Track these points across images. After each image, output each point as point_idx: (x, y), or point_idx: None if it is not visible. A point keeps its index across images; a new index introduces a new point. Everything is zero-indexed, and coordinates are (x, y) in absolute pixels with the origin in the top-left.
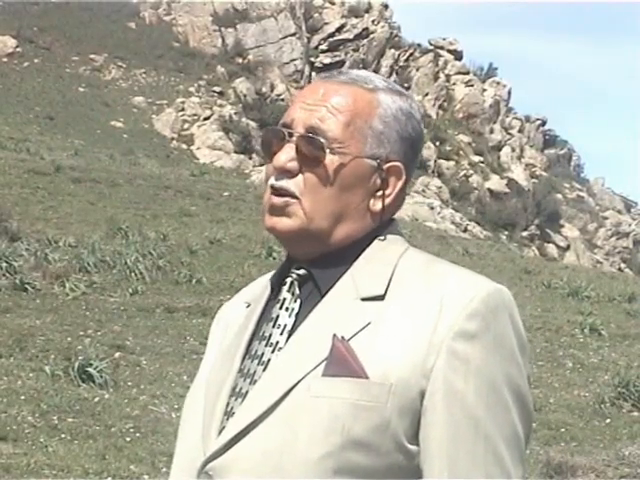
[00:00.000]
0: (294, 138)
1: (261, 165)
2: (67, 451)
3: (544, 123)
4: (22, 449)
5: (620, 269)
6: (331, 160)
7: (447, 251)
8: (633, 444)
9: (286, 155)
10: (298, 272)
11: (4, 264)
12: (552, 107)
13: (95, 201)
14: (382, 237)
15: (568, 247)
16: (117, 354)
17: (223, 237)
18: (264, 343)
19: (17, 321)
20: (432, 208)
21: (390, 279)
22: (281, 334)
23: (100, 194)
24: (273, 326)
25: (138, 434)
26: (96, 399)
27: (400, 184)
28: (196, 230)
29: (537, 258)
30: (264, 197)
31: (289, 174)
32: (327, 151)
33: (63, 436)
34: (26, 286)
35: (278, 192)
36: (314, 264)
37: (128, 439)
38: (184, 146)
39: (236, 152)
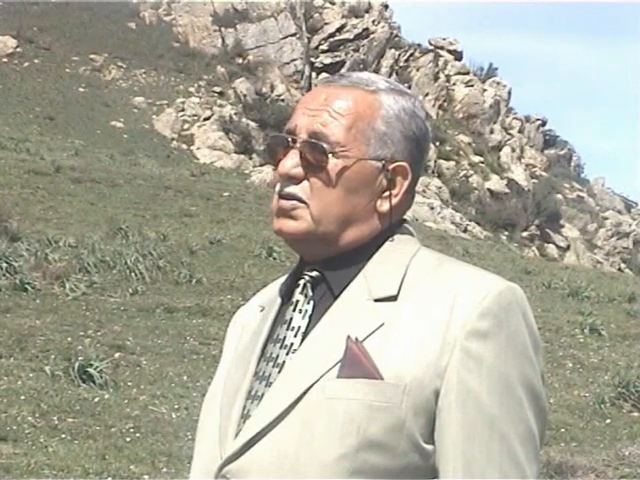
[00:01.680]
0: (298, 144)
1: (261, 165)
2: (67, 451)
3: (544, 123)
4: (22, 449)
5: (620, 269)
6: (335, 164)
7: (447, 251)
8: (633, 444)
9: (290, 161)
10: (311, 274)
11: (4, 264)
12: (552, 107)
13: (95, 201)
14: (393, 238)
15: (568, 247)
16: (117, 354)
17: (223, 237)
18: (279, 345)
19: (17, 321)
20: (432, 208)
21: (402, 279)
22: (295, 336)
23: (100, 194)
24: (287, 328)
25: (138, 434)
26: (96, 399)
27: (407, 184)
28: (196, 230)
29: (537, 258)
30: (272, 203)
31: (295, 180)
32: (330, 155)
33: (63, 436)
34: (26, 286)
35: (285, 197)
36: (326, 266)
37: (128, 439)
38: (184, 146)
39: (236, 152)
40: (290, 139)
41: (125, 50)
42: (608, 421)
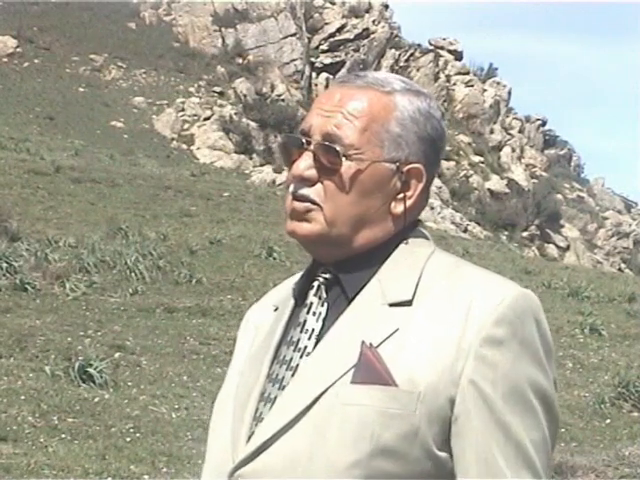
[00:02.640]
0: (312, 146)
1: (261, 165)
2: (67, 451)
3: (544, 123)
4: (22, 449)
5: (620, 269)
6: (348, 167)
7: (447, 251)
8: (633, 444)
9: (304, 163)
10: (325, 276)
11: (4, 264)
12: (552, 107)
13: (95, 201)
14: (407, 241)
15: (568, 247)
16: (117, 354)
17: (223, 237)
18: (292, 348)
19: (17, 321)
20: (432, 208)
21: (417, 284)
22: (309, 339)
23: (100, 194)
24: (301, 331)
25: (138, 434)
26: (96, 399)
27: (421, 186)
28: (196, 230)
29: (537, 258)
30: (286, 203)
31: (308, 182)
32: (343, 159)
33: (63, 436)
34: (26, 286)
35: (299, 199)
36: (340, 268)
37: (128, 439)
38: (184, 146)
39: (236, 152)
40: (304, 140)
41: (125, 50)
42: (608, 421)
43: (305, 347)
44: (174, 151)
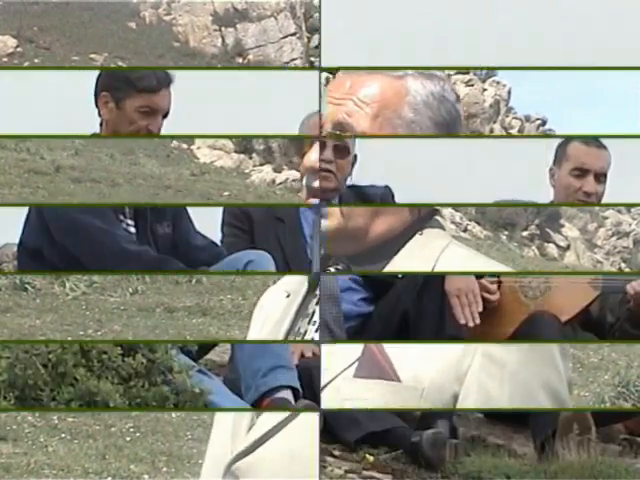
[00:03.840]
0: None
1: (261, 165)
2: (67, 451)
3: (544, 123)
4: (22, 449)
5: (620, 269)
6: None
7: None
8: None
9: (316, 154)
10: (337, 267)
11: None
12: (552, 107)
13: (95, 201)
14: (422, 232)
15: (568, 247)
16: None
17: None
18: (299, 340)
19: (17, 321)
20: None
21: None
22: (316, 331)
23: (100, 194)
24: (309, 322)
25: (138, 434)
26: None
27: None
28: None
29: (537, 258)
30: (302, 197)
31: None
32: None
33: (63, 436)
34: (26, 286)
35: (314, 192)
36: (353, 260)
37: (128, 439)
38: (184, 145)
39: (236, 152)
40: None
41: (125, 50)
42: None
43: (312, 340)
44: (174, 150)
